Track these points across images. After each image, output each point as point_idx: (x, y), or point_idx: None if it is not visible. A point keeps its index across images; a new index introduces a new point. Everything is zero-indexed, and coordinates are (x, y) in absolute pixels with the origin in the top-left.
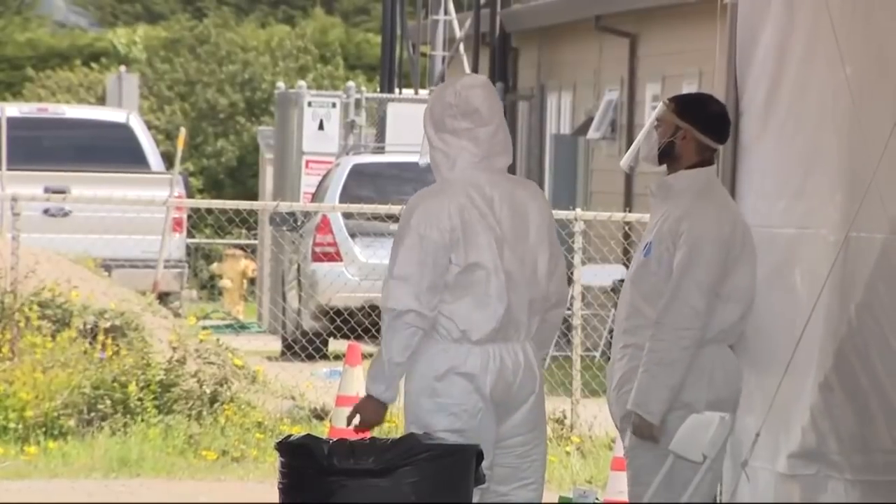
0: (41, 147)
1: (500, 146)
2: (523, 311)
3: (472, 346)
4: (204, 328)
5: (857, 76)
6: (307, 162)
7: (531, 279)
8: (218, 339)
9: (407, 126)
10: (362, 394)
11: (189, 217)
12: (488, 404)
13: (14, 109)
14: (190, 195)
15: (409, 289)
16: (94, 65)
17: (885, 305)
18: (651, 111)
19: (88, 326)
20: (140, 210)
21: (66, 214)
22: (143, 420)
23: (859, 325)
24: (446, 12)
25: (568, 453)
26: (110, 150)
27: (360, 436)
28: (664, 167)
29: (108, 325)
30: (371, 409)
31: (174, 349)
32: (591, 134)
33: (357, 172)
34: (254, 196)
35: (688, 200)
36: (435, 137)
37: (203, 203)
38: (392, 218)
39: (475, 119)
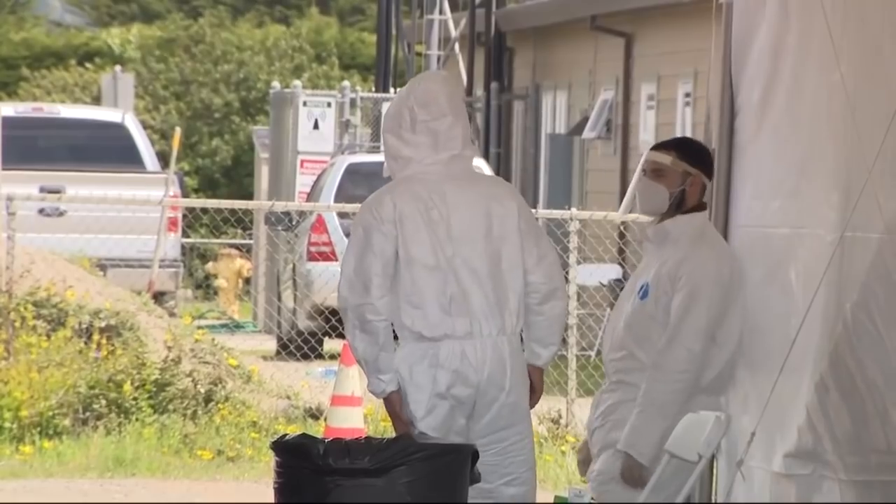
0: (36, 147)
1: (458, 140)
2: (487, 307)
3: (430, 344)
4: (199, 328)
5: (852, 76)
6: (302, 161)
7: (494, 273)
8: (213, 339)
9: None
10: (357, 393)
11: (184, 216)
12: (446, 401)
13: (9, 109)
14: (185, 195)
15: (355, 283)
16: (89, 64)
17: (881, 305)
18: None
19: (84, 326)
20: (135, 210)
21: (61, 214)
22: (138, 419)
23: (854, 325)
24: (441, 12)
25: (563, 453)
26: (105, 149)
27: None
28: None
29: (103, 324)
30: (388, 406)
31: (169, 349)
32: (587, 133)
33: (352, 172)
34: (249, 195)
35: (686, 244)
36: (391, 138)
37: (198, 202)
38: None
39: (431, 110)
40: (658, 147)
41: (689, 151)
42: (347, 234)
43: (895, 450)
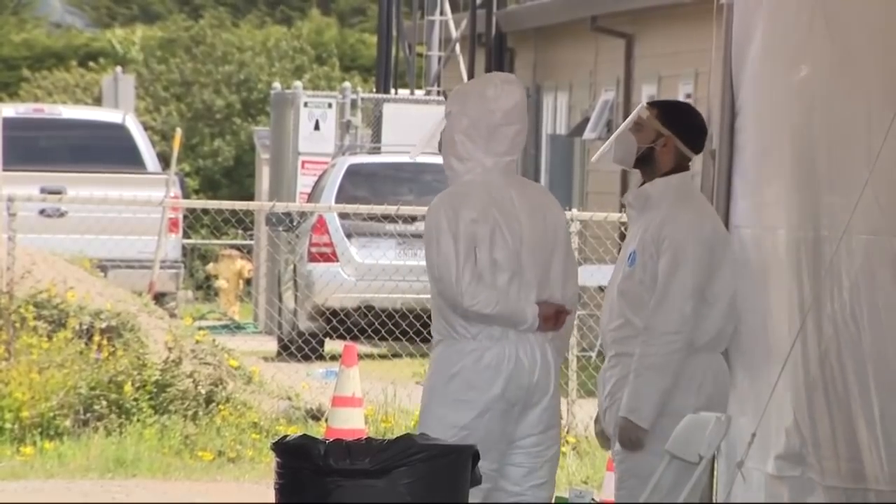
0: (37, 147)
1: (520, 147)
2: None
3: (489, 344)
4: (200, 329)
5: (848, 75)
6: (303, 162)
7: (543, 281)
8: (214, 340)
9: (403, 126)
10: (358, 394)
11: (185, 217)
12: (500, 402)
13: (10, 110)
14: (186, 196)
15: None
16: (90, 65)
17: (864, 308)
18: None
19: (84, 327)
20: (136, 210)
21: (62, 215)
22: (138, 420)
23: (839, 329)
24: (442, 13)
25: (564, 454)
26: (106, 150)
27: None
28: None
29: (103, 325)
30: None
31: (170, 350)
32: (587, 134)
33: (353, 173)
34: (250, 196)
35: (666, 206)
36: (463, 132)
37: (199, 203)
38: (388, 218)
39: (509, 117)
40: (649, 103)
41: (670, 113)
42: (348, 235)
43: (860, 457)
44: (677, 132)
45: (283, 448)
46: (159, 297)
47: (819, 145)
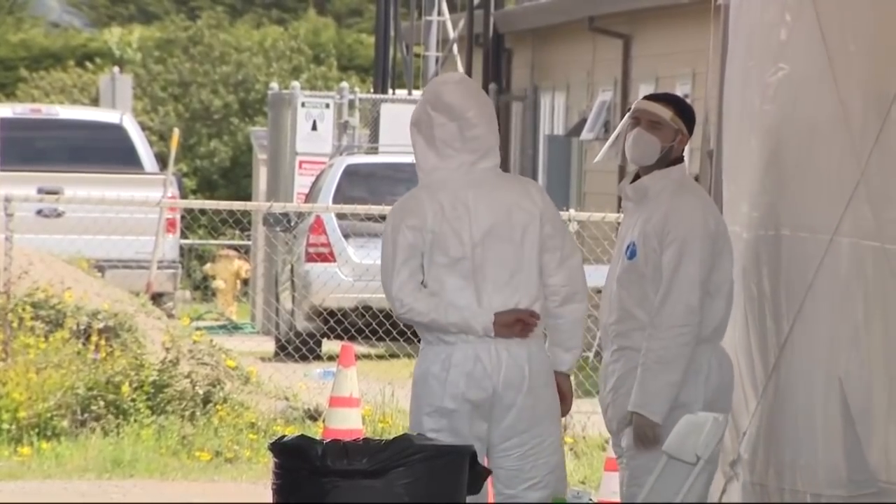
0: (34, 148)
1: (480, 143)
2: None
3: (446, 347)
4: (197, 329)
5: (844, 75)
6: (300, 162)
7: (511, 280)
8: (211, 340)
9: (400, 127)
10: (355, 394)
11: (182, 218)
12: (462, 404)
13: (7, 110)
14: (183, 196)
15: (388, 295)
16: (87, 65)
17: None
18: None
19: (82, 327)
20: (133, 211)
21: (59, 215)
22: (136, 421)
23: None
24: (440, 13)
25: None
26: (104, 150)
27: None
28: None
29: (101, 325)
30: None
31: (167, 350)
32: (585, 135)
33: (350, 173)
34: (247, 197)
35: (667, 198)
36: (415, 136)
37: (196, 204)
38: (385, 219)
39: (450, 114)
40: (655, 99)
41: (685, 111)
42: (346, 236)
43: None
44: (690, 130)
45: (281, 448)
46: (157, 298)
47: (789, 146)
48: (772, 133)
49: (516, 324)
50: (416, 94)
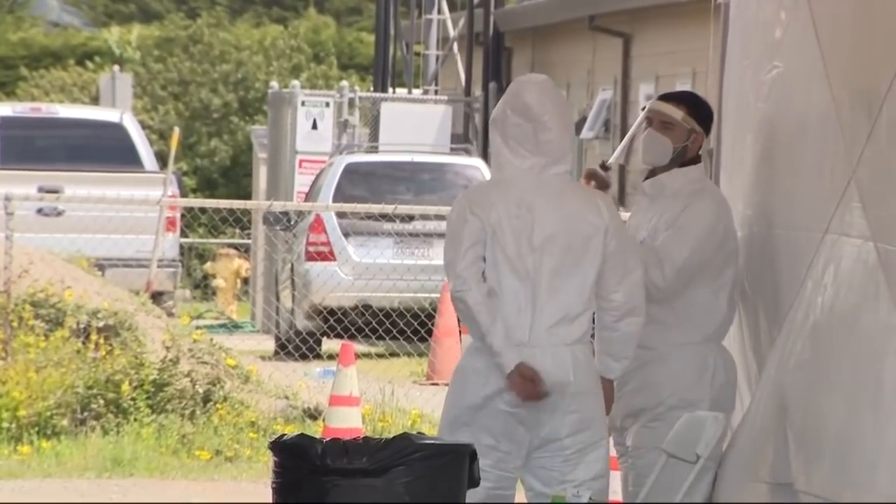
0: (35, 147)
1: (553, 148)
2: (556, 319)
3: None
4: (197, 328)
5: (836, 73)
6: (300, 161)
7: (565, 289)
8: (211, 339)
9: (400, 125)
10: (355, 393)
11: (182, 216)
12: (498, 402)
13: (7, 109)
14: (183, 194)
15: (451, 272)
16: (87, 64)
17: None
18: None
19: (82, 326)
20: (133, 209)
21: (59, 214)
22: (136, 419)
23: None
24: (440, 11)
25: None
26: (104, 149)
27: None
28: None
29: (101, 324)
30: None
31: (167, 349)
32: (585, 133)
33: (350, 172)
34: (247, 195)
35: (685, 197)
36: (492, 133)
37: (196, 202)
38: (385, 217)
39: (527, 115)
40: (668, 99)
41: (699, 109)
42: (346, 234)
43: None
44: (706, 128)
45: (281, 447)
46: (157, 296)
47: (781, 144)
48: (765, 131)
49: (528, 387)
50: (417, 92)
